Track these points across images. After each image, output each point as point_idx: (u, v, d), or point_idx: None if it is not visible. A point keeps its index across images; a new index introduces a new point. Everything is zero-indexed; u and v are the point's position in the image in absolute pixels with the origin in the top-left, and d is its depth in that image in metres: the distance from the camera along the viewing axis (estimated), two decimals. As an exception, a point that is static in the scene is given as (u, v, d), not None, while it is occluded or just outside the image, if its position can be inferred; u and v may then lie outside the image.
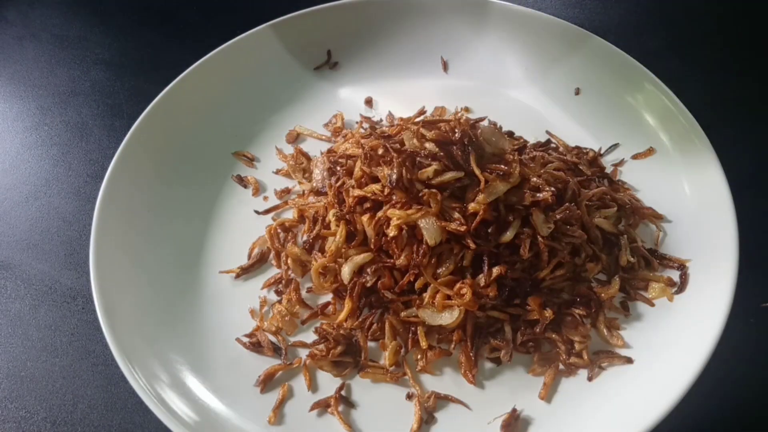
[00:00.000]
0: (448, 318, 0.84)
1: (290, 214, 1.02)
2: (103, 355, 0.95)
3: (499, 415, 0.82)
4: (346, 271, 0.88)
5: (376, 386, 0.87)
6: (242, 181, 1.07)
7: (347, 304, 0.88)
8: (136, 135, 1.03)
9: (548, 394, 0.84)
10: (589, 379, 0.84)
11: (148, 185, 1.02)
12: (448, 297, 0.84)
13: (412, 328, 0.87)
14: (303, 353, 0.90)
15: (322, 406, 0.85)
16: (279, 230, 0.99)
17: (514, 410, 0.82)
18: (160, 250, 0.98)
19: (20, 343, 0.98)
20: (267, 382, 0.87)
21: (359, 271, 0.89)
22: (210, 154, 1.08)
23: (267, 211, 1.03)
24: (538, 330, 0.86)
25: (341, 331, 0.89)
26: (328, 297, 0.93)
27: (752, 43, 1.26)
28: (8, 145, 1.22)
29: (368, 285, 0.88)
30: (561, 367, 0.85)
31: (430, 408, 0.84)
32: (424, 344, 0.85)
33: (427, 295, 0.85)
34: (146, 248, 0.97)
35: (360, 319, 0.89)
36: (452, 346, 0.87)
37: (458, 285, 0.84)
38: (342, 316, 0.88)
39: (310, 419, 0.84)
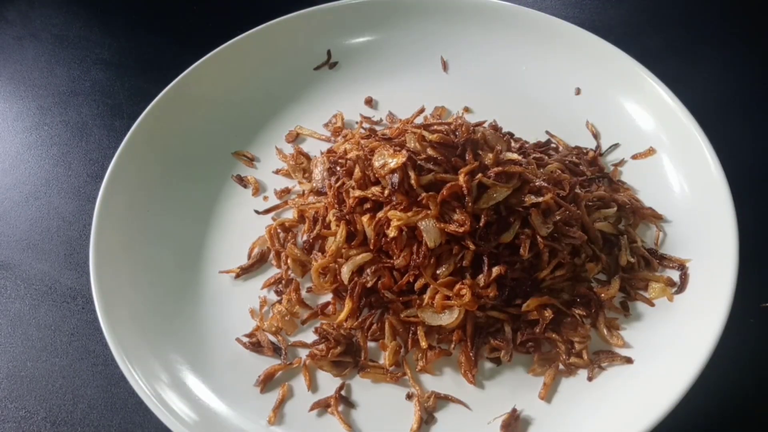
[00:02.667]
0: (448, 318, 0.84)
1: (290, 214, 1.02)
2: (103, 355, 0.95)
3: (499, 415, 0.82)
4: (345, 271, 0.88)
5: (376, 386, 0.87)
6: (242, 181, 1.07)
7: (347, 304, 0.88)
8: (136, 135, 1.03)
9: (548, 394, 0.84)
10: (589, 379, 0.84)
11: (148, 185, 1.02)
12: (448, 297, 0.84)
13: (412, 328, 0.87)
14: (303, 353, 0.90)
15: (322, 406, 0.85)
16: (279, 230, 0.99)
17: (514, 410, 0.82)
18: (159, 249, 0.98)
19: (20, 342, 0.98)
20: (267, 382, 0.87)
21: (359, 271, 0.89)
22: (210, 154, 1.08)
23: (267, 211, 1.03)
24: (537, 330, 0.86)
25: (341, 331, 0.89)
26: (328, 297, 0.93)
27: (752, 42, 1.26)
28: (8, 145, 1.22)
29: (368, 285, 0.88)
30: (561, 367, 0.85)
31: (430, 408, 0.84)
32: (423, 344, 0.85)
33: (426, 296, 0.85)
34: (146, 248, 0.97)
35: (360, 319, 0.89)
36: (452, 346, 0.87)
37: (458, 285, 0.84)
38: (342, 316, 0.88)
39: (310, 419, 0.84)
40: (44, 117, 1.25)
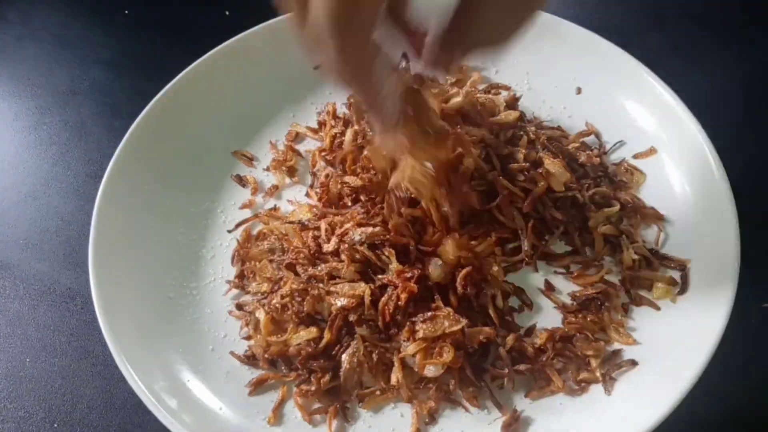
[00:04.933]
0: (433, 372, 0.81)
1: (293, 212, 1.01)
2: (102, 355, 0.95)
3: (499, 416, 0.82)
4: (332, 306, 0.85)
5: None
6: (241, 181, 1.06)
7: (326, 336, 0.84)
8: (136, 134, 1.02)
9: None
10: (608, 393, 0.82)
11: (147, 185, 1.01)
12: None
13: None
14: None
15: (321, 413, 0.84)
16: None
17: (514, 411, 0.81)
18: (159, 249, 0.97)
19: (19, 343, 0.98)
20: (257, 387, 0.86)
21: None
22: (209, 154, 1.08)
23: (237, 226, 1.00)
24: (545, 359, 0.84)
25: (323, 362, 0.85)
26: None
27: (752, 42, 1.26)
28: (7, 145, 1.21)
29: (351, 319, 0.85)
30: (573, 386, 0.84)
31: (430, 409, 0.83)
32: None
33: (408, 350, 0.82)
34: (145, 248, 0.97)
35: (342, 347, 0.85)
36: (451, 387, 0.84)
37: (438, 346, 0.81)
38: (321, 345, 0.85)
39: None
40: (43, 116, 1.25)
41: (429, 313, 0.82)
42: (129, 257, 0.94)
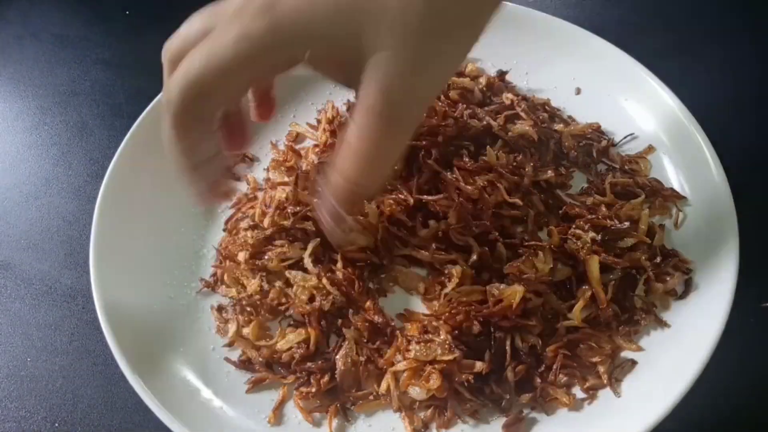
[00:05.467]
0: (418, 394, 0.80)
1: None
2: (103, 355, 0.95)
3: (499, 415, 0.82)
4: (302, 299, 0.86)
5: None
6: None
7: (311, 333, 0.84)
8: (137, 135, 1.02)
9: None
10: (618, 395, 0.81)
11: (148, 185, 1.01)
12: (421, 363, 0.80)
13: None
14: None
15: (321, 411, 0.84)
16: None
17: (519, 412, 0.81)
18: (159, 249, 0.98)
19: (20, 342, 0.98)
20: (256, 385, 0.86)
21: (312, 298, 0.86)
22: (210, 154, 1.08)
23: (227, 222, 1.00)
24: (552, 378, 0.81)
25: (320, 363, 0.84)
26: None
27: (753, 42, 1.26)
28: (8, 145, 1.22)
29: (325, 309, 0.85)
30: (582, 395, 0.82)
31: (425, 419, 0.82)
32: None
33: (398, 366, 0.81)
34: (146, 247, 0.97)
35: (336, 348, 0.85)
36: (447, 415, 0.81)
37: (427, 370, 0.79)
38: (312, 344, 0.85)
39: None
40: (44, 117, 1.25)
41: (425, 336, 0.81)
42: (130, 257, 0.95)
